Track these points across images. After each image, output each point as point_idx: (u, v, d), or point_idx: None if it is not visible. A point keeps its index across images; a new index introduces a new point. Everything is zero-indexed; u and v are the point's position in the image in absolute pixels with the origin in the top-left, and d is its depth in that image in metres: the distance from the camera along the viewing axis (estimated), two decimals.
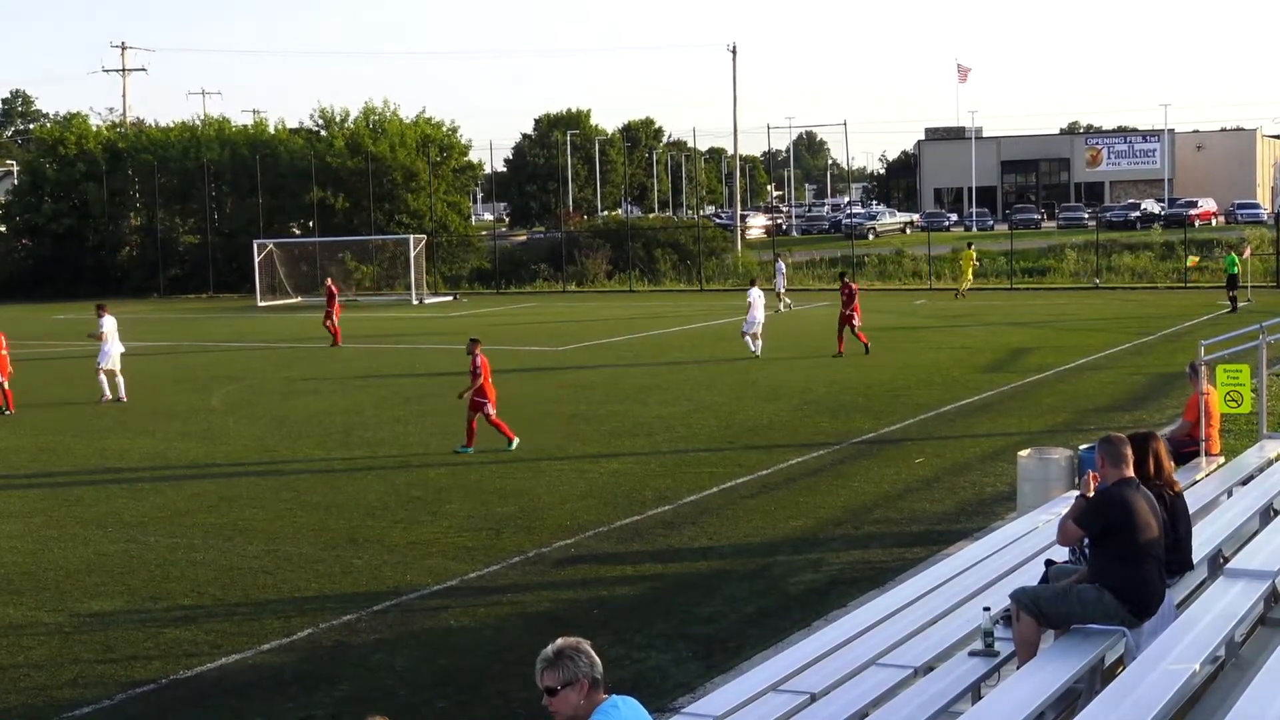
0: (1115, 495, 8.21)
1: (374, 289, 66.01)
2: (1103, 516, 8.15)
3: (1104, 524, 8.14)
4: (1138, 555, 8.11)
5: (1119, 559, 8.12)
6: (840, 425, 21.80)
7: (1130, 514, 8.12)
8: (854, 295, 31.82)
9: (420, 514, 16.34)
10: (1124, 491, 8.21)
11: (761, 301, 32.20)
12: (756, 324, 31.76)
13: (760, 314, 32.04)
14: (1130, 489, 8.25)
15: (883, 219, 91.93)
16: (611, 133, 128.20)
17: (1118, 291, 53.08)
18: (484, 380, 20.16)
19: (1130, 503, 8.16)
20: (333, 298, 39.23)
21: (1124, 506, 8.13)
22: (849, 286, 32.16)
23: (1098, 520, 8.16)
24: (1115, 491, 8.23)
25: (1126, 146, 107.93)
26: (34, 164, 78.35)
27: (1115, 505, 8.14)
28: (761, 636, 11.27)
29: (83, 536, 15.70)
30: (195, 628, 12.18)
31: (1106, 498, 8.22)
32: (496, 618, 12.33)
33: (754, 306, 31.84)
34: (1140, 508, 8.21)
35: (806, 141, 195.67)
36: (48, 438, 23.03)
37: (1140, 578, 8.14)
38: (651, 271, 66.10)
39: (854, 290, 32.02)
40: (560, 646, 5.18)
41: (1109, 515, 8.14)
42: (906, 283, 60.66)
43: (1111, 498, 8.20)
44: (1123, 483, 8.26)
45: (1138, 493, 8.27)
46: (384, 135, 72.28)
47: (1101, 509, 8.18)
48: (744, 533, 15.06)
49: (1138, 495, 8.26)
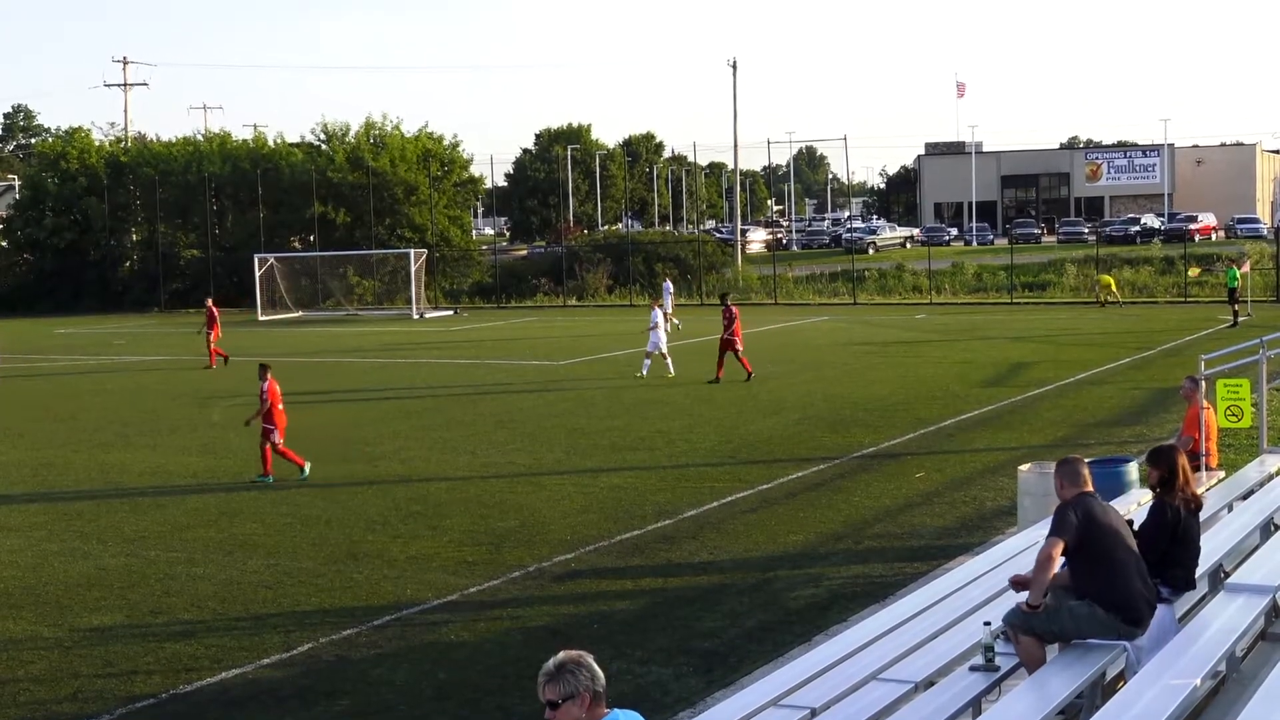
0: (1077, 503, 8.25)
1: (375, 303, 66.06)
2: (1072, 522, 8.14)
3: (1078, 530, 8.13)
4: (1116, 563, 8.14)
5: (1099, 570, 8.15)
6: (840, 440, 21.81)
7: (1093, 519, 8.16)
8: (735, 318, 30.59)
9: (420, 528, 16.34)
10: (1084, 500, 8.26)
11: (664, 324, 31.64)
12: (660, 344, 31.15)
13: (664, 335, 31.57)
14: (1090, 499, 8.30)
15: (883, 233, 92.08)
16: (612, 147, 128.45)
17: (1117, 306, 53.08)
18: (273, 407, 19.78)
19: (1092, 510, 8.21)
20: (212, 319, 37.98)
21: (1087, 512, 8.17)
22: (730, 309, 30.66)
23: (1068, 527, 8.14)
24: (1075, 501, 8.27)
25: (1126, 161, 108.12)
26: (36, 178, 78.43)
27: (1079, 510, 8.18)
28: (762, 651, 11.26)
29: (83, 551, 15.70)
30: (195, 642, 12.17)
31: (1069, 506, 8.25)
32: (497, 632, 12.32)
33: (659, 328, 31.25)
34: (1105, 515, 8.26)
35: (807, 156, 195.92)
36: (48, 452, 23.03)
37: (1124, 586, 8.15)
38: (652, 286, 66.05)
39: (735, 313, 30.75)
40: (562, 660, 5.17)
41: (1077, 521, 8.14)
42: (907, 297, 60.70)
43: (1074, 504, 8.24)
44: (1082, 495, 8.30)
45: (1097, 502, 8.33)
46: (385, 150, 72.40)
47: (1068, 514, 8.19)
48: (744, 547, 15.06)
49: (1098, 504, 8.32)
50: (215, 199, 73.86)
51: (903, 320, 48.52)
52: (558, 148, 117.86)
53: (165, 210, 73.55)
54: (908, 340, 40.20)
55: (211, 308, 38.85)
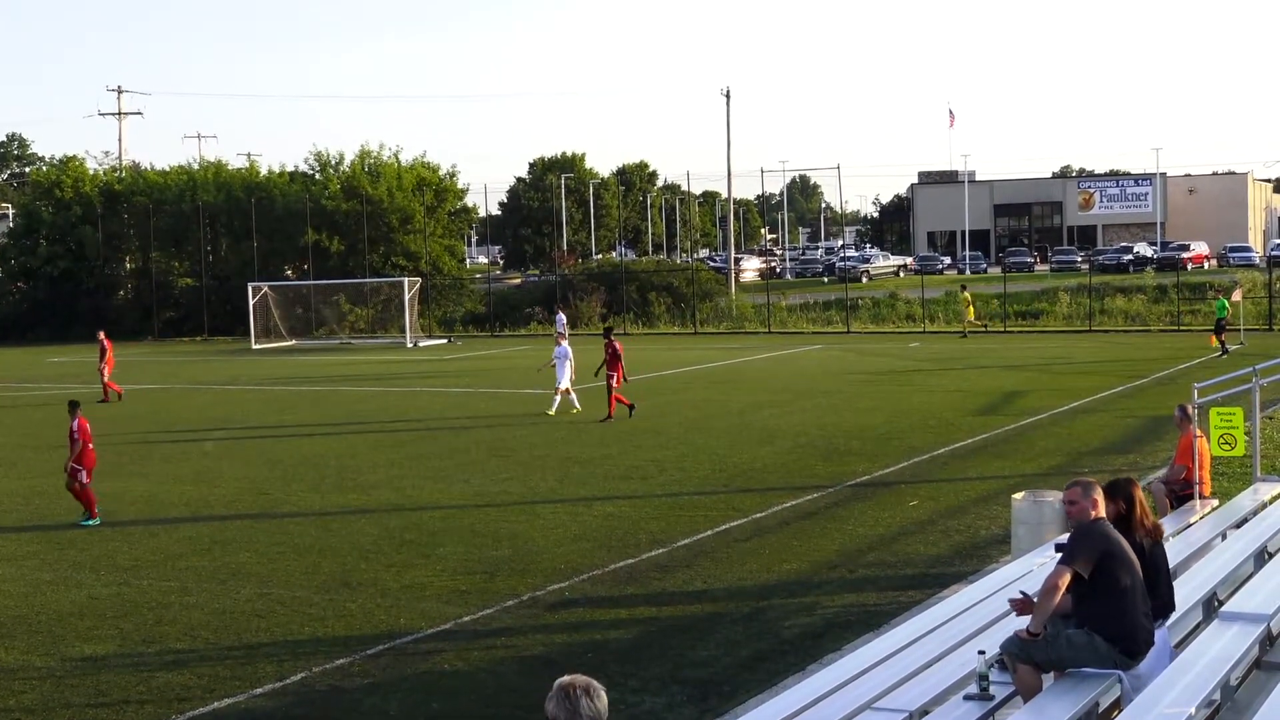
0: (1097, 528, 8.22)
1: (368, 331, 66.06)
2: (1091, 549, 8.11)
3: (1093, 558, 8.08)
4: (1123, 595, 8.12)
5: (1105, 600, 8.12)
6: (834, 468, 21.80)
7: (1111, 546, 8.13)
8: (617, 355, 29.18)
9: (414, 557, 16.30)
10: (1101, 526, 8.24)
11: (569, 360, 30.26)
12: (562, 380, 30.00)
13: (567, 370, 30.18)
14: (1105, 524, 8.28)
15: (876, 262, 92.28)
16: (606, 176, 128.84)
17: (1110, 334, 53.22)
18: (85, 446, 19.14)
19: (1110, 536, 8.19)
20: (104, 352, 36.74)
21: (1105, 538, 8.15)
22: (612, 345, 29.32)
23: (1086, 553, 8.10)
24: (1095, 525, 8.24)
25: (1119, 190, 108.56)
26: (30, 207, 78.53)
27: (1098, 537, 8.14)
28: (756, 680, 11.23)
29: (75, 580, 15.65)
30: (188, 671, 12.12)
31: (1089, 529, 8.21)
32: (491, 661, 12.29)
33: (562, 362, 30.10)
34: (1120, 544, 8.24)
35: (800, 185, 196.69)
36: (41, 481, 22.97)
37: (1128, 618, 8.13)
38: (645, 315, 66.22)
39: (618, 350, 29.29)
40: (567, 684, 5.09)
41: (1099, 545, 8.11)
42: (900, 326, 60.80)
43: (1094, 529, 8.21)
44: (1100, 521, 8.29)
45: (1111, 528, 8.31)
46: (380, 178, 72.54)
47: (1086, 541, 8.15)
48: (738, 576, 15.03)
49: (1112, 530, 8.30)
50: (209, 227, 73.91)
51: (896, 349, 48.56)
52: (552, 176, 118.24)
53: (159, 239, 73.62)
54: (901, 369, 40.22)
55: (104, 340, 37.38)
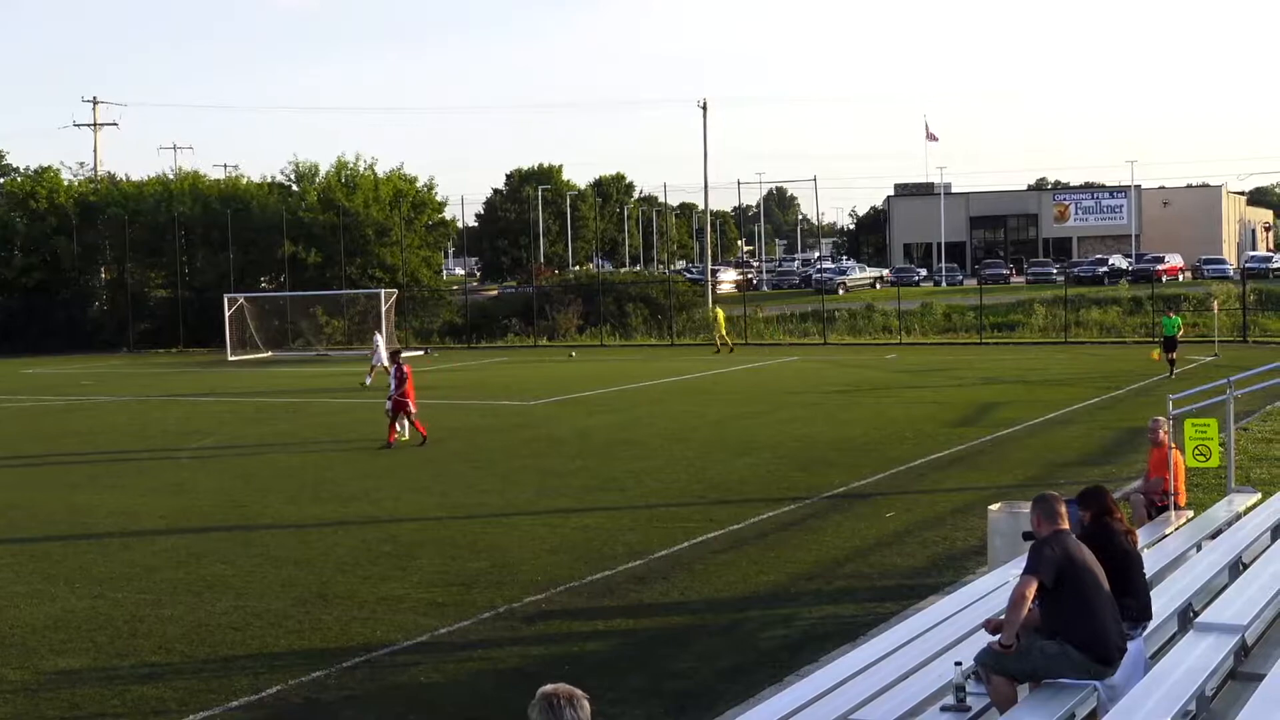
0: (1054, 540, 8.29)
1: (345, 343, 65.89)
2: (1050, 559, 8.18)
3: (1055, 567, 8.16)
4: (1090, 603, 8.17)
5: (1072, 608, 8.18)
6: (811, 480, 21.83)
7: (1071, 557, 8.21)
8: (406, 378, 27.96)
9: (390, 569, 16.25)
10: (1060, 538, 8.31)
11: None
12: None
13: None
14: (1066, 536, 8.36)
15: (853, 274, 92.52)
16: (583, 188, 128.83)
17: (1086, 346, 53.43)
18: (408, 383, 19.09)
19: (1069, 547, 8.27)
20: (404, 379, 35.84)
21: (1064, 549, 8.23)
22: (401, 369, 28.21)
23: (1046, 564, 8.17)
24: (1053, 538, 8.32)
25: (1094, 202, 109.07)
26: (4, 217, 78.02)
27: (1056, 547, 8.22)
28: (734, 692, 11.23)
29: (49, 593, 15.55)
30: (163, 685, 12.06)
31: (1046, 543, 8.30)
32: (467, 674, 12.26)
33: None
34: (1080, 553, 8.31)
35: (777, 197, 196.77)
36: (15, 493, 22.84)
37: (1097, 623, 8.19)
38: (623, 326, 66.24)
39: (407, 373, 28.10)
40: (550, 692, 5.08)
41: (1055, 558, 8.19)
42: (877, 337, 60.97)
43: (1051, 541, 8.28)
44: (1059, 532, 8.36)
45: (1073, 540, 8.39)
46: (357, 190, 72.40)
47: (1045, 551, 8.23)
48: (716, 587, 15.03)
49: (1074, 541, 8.38)
50: (185, 239, 73.64)
51: (873, 360, 48.68)
52: (529, 188, 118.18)
53: (135, 250, 73.30)
54: (878, 380, 40.31)
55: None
